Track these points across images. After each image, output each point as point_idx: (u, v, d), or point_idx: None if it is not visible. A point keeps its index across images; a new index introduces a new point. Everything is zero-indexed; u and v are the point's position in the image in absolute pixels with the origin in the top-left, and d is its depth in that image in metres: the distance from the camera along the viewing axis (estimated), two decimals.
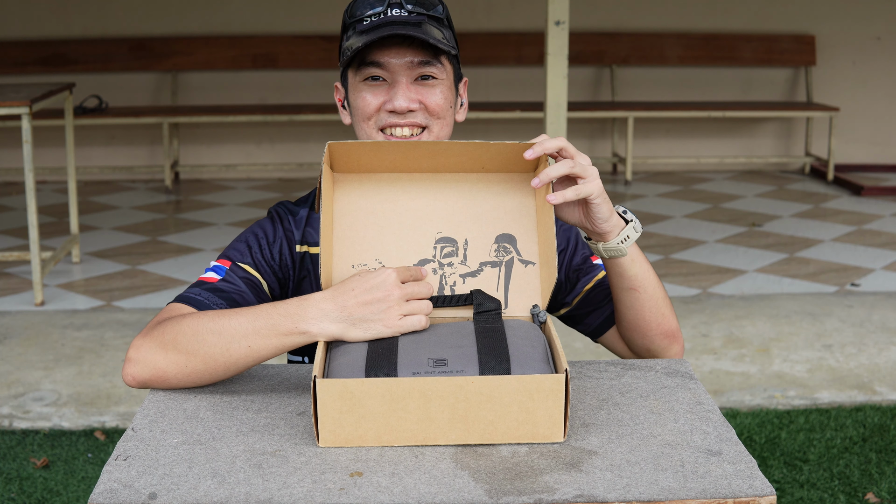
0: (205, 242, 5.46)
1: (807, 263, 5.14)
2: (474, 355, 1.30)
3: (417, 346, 1.33)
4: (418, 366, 1.29)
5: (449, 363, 1.29)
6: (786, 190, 6.93)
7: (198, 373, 1.40)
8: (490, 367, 1.28)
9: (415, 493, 1.14)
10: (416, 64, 1.61)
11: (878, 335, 4.08)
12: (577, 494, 1.14)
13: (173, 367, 1.40)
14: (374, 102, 1.62)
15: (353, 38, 1.62)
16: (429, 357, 1.30)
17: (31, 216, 4.37)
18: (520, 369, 1.28)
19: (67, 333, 4.05)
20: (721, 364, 3.80)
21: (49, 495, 2.94)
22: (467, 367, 1.28)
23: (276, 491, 1.15)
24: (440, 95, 1.63)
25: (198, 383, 1.42)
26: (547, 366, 1.30)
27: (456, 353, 1.31)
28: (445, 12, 1.65)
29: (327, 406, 1.24)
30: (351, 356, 1.32)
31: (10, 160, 6.88)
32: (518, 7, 7.10)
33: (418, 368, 1.28)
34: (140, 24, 6.92)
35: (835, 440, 3.28)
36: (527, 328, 1.39)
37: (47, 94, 4.53)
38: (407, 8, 1.61)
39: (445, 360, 1.30)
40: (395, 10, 1.61)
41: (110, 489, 1.16)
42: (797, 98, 7.43)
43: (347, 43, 1.63)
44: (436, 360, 1.29)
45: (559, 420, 1.26)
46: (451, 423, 1.25)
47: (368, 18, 1.61)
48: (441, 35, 1.62)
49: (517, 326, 1.39)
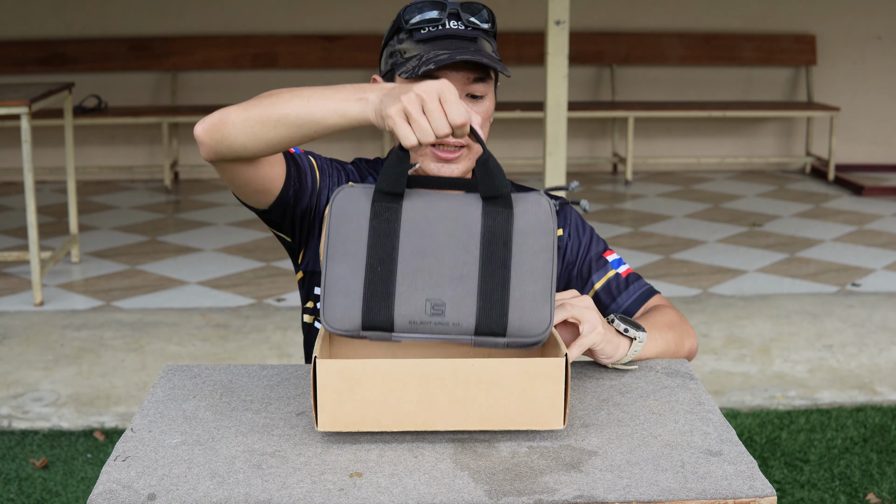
0: (204, 242, 5.45)
1: (807, 263, 5.14)
2: (473, 300, 1.27)
3: (418, 269, 1.28)
4: (416, 312, 1.27)
5: (447, 310, 1.27)
6: (786, 190, 6.92)
7: (255, 119, 1.41)
8: (487, 322, 1.27)
9: (414, 494, 1.14)
10: (471, 81, 1.65)
11: (879, 335, 4.08)
12: (577, 495, 1.14)
13: (236, 111, 1.43)
14: None
15: (407, 44, 1.64)
16: (427, 298, 1.27)
17: (31, 216, 4.37)
18: (518, 316, 1.27)
19: (67, 333, 4.05)
20: (721, 364, 3.80)
21: (48, 496, 2.94)
22: (464, 319, 1.27)
23: (276, 491, 1.14)
24: (483, 109, 1.67)
25: (252, 137, 1.42)
26: (546, 306, 1.28)
27: (455, 292, 1.28)
28: (494, 26, 1.69)
29: (327, 388, 1.24)
30: (348, 296, 1.28)
31: (9, 160, 6.88)
32: (518, 7, 7.10)
33: (415, 317, 1.27)
34: (139, 23, 6.92)
35: (835, 440, 3.28)
36: (537, 239, 1.30)
37: (46, 93, 4.53)
38: (464, 21, 1.64)
39: (443, 304, 1.27)
40: (453, 22, 1.64)
41: (109, 490, 1.15)
42: (798, 98, 7.43)
43: (401, 46, 1.65)
44: (434, 305, 1.27)
45: (559, 406, 1.25)
46: (450, 407, 1.25)
47: (426, 27, 1.64)
48: (490, 48, 1.67)
49: (527, 234, 1.30)
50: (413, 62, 1.62)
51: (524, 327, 1.28)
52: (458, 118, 1.25)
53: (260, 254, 5.23)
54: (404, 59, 1.63)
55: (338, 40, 6.97)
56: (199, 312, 4.30)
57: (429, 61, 1.60)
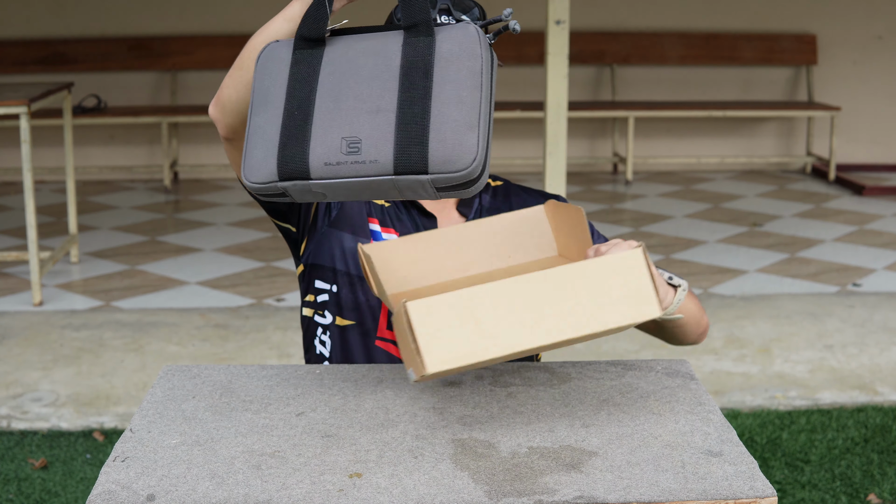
0: (204, 242, 5.45)
1: (808, 263, 5.14)
2: (391, 134, 1.19)
3: (335, 109, 1.22)
4: (331, 152, 1.20)
5: (363, 146, 1.19)
6: (787, 190, 6.92)
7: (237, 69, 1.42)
8: (405, 156, 1.18)
9: (414, 494, 1.14)
10: None
11: (880, 335, 4.08)
12: (577, 495, 1.14)
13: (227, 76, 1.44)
14: None
15: None
16: (342, 136, 1.20)
17: (30, 216, 4.37)
18: (439, 148, 1.18)
19: (66, 334, 4.04)
20: (722, 364, 3.80)
21: (47, 496, 2.94)
22: (381, 155, 1.18)
23: (275, 492, 1.14)
24: None
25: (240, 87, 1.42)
26: (473, 134, 1.18)
27: (372, 127, 1.20)
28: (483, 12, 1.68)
29: (425, 329, 1.17)
30: (265, 146, 1.23)
31: (8, 160, 6.88)
32: (518, 7, 7.09)
33: (331, 158, 1.20)
34: (139, 23, 6.91)
35: (836, 441, 3.27)
36: (462, 63, 1.22)
37: (46, 93, 4.53)
38: (458, 16, 1.63)
39: (359, 141, 1.19)
40: (443, 18, 1.64)
41: (109, 490, 1.15)
42: (798, 97, 7.42)
43: None
44: (349, 143, 1.20)
45: (650, 294, 1.23)
46: (549, 320, 1.19)
47: None
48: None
49: (450, 61, 1.22)
50: None
51: (447, 160, 1.18)
52: None
53: (260, 254, 5.23)
54: None
55: None
56: (199, 312, 4.30)
57: None
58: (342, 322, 1.70)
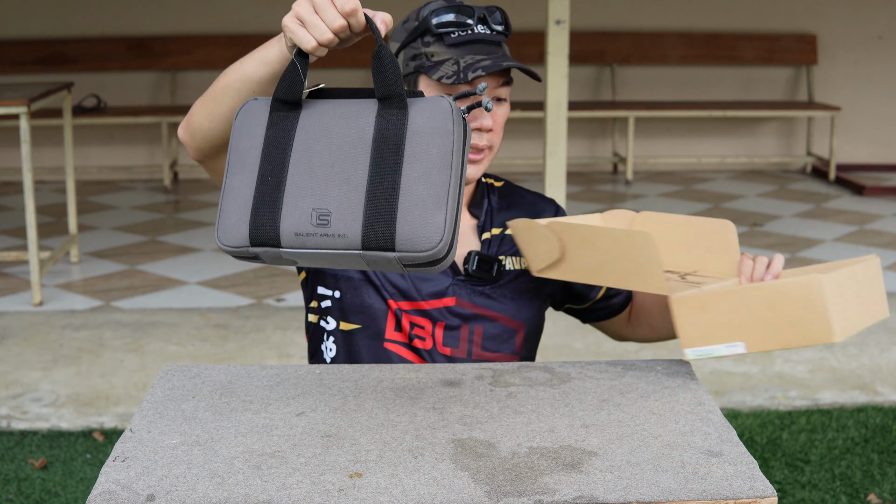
0: (204, 242, 5.45)
1: (808, 263, 5.14)
2: (361, 209, 1.19)
3: (307, 178, 1.22)
4: (301, 223, 1.20)
5: (332, 219, 1.19)
6: (787, 189, 6.92)
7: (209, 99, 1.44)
8: (373, 233, 1.18)
9: (414, 495, 1.14)
10: (499, 84, 1.68)
11: (880, 335, 4.08)
12: (577, 496, 1.14)
13: (197, 101, 1.48)
14: None
15: (436, 47, 1.65)
16: (313, 207, 1.20)
17: (30, 216, 4.37)
18: (406, 227, 1.18)
19: (66, 334, 4.04)
20: (722, 364, 3.80)
21: (47, 496, 2.93)
22: (350, 230, 1.19)
23: (275, 492, 1.14)
24: (505, 111, 1.72)
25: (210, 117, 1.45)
26: (440, 213, 1.18)
27: (343, 200, 1.20)
28: (509, 29, 1.72)
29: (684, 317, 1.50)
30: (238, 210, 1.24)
31: (8, 160, 6.88)
32: (518, 7, 7.09)
33: (301, 228, 1.20)
34: (138, 23, 6.92)
35: (836, 441, 3.27)
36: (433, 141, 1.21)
37: (45, 93, 4.52)
38: (490, 25, 1.67)
39: (329, 213, 1.20)
40: (480, 27, 1.66)
41: (108, 490, 1.15)
42: (798, 97, 7.42)
43: (428, 49, 1.66)
44: (319, 215, 1.20)
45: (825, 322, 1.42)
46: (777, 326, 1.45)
47: (456, 32, 1.65)
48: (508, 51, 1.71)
49: (422, 136, 1.21)
50: (449, 66, 1.63)
51: (413, 240, 1.18)
52: (347, 5, 1.23)
53: None
54: (434, 63, 1.64)
55: None
56: (199, 312, 4.30)
57: (474, 67, 1.61)
58: (346, 326, 1.70)
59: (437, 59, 1.64)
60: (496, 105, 1.70)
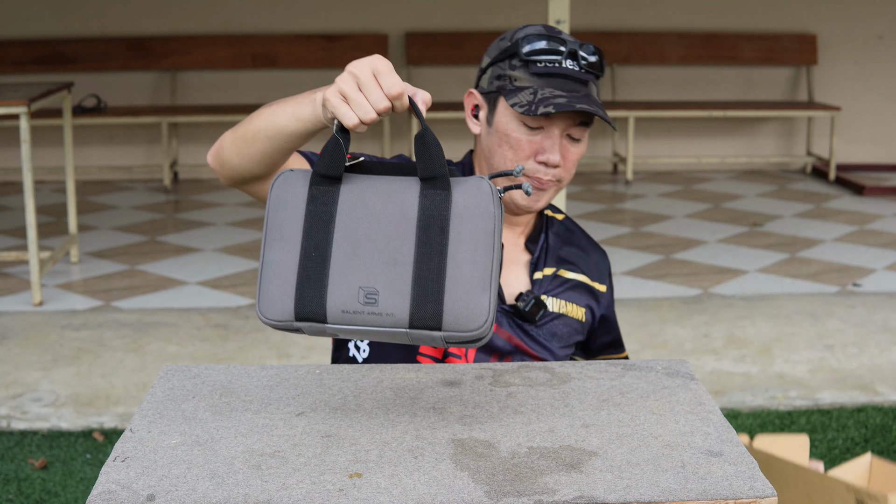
0: (204, 242, 5.45)
1: (808, 263, 5.14)
2: (408, 289, 1.21)
3: (352, 255, 1.23)
4: (348, 301, 1.22)
5: (380, 298, 1.21)
6: (787, 190, 6.92)
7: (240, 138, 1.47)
8: (420, 313, 1.21)
9: (414, 494, 1.14)
10: (576, 123, 1.68)
11: (880, 335, 4.07)
12: (577, 496, 1.14)
13: (228, 134, 1.50)
14: (530, 149, 1.69)
15: (521, 73, 1.66)
16: (360, 286, 1.22)
17: (30, 216, 4.37)
18: (453, 308, 1.21)
19: (66, 334, 4.04)
20: (722, 364, 3.80)
21: (47, 496, 2.93)
22: (397, 309, 1.21)
23: (275, 492, 1.14)
24: (579, 151, 1.72)
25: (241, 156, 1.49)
26: (485, 296, 1.21)
27: (390, 279, 1.22)
28: (603, 70, 1.71)
29: None
30: (281, 285, 1.25)
31: (8, 160, 6.88)
32: (518, 7, 7.10)
33: (348, 306, 1.22)
34: (138, 23, 6.91)
35: (836, 441, 3.27)
36: (476, 223, 1.24)
37: (45, 93, 4.53)
38: (580, 62, 1.66)
39: (377, 292, 1.22)
40: (569, 62, 1.66)
41: (108, 490, 1.15)
42: (798, 97, 7.42)
43: (513, 73, 1.67)
44: (367, 293, 1.22)
45: None
46: None
47: (543, 62, 1.66)
48: (596, 91, 1.70)
49: (466, 219, 1.24)
50: (526, 95, 1.64)
51: (460, 320, 1.21)
52: (394, 89, 1.23)
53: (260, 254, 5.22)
54: (515, 87, 1.66)
55: (338, 40, 6.97)
56: (199, 312, 4.30)
57: (547, 102, 1.62)
58: None
59: (519, 84, 1.65)
60: (569, 143, 1.69)
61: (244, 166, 1.50)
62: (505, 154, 1.70)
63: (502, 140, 1.70)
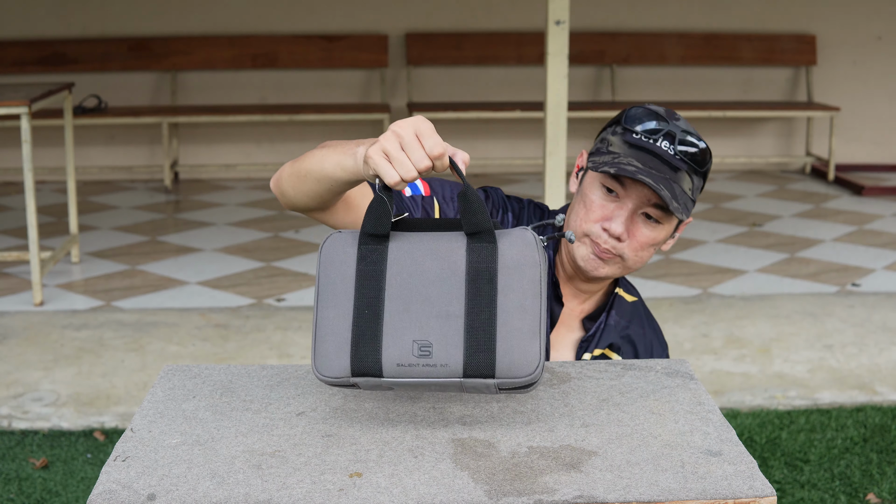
0: (204, 242, 5.45)
1: (807, 263, 5.14)
2: (460, 339, 1.26)
3: (404, 310, 1.28)
4: (403, 355, 1.26)
5: (434, 351, 1.25)
6: (786, 190, 6.92)
7: (295, 175, 1.54)
8: (474, 363, 1.25)
9: (414, 494, 1.14)
10: (650, 203, 1.68)
11: (879, 335, 4.08)
12: (577, 495, 1.14)
13: (288, 166, 1.57)
14: (599, 213, 1.70)
15: (616, 140, 1.69)
16: (414, 339, 1.26)
17: (31, 216, 4.37)
18: (505, 356, 1.25)
19: (67, 334, 4.05)
20: (721, 364, 3.80)
21: (48, 496, 2.94)
22: (451, 360, 1.25)
23: (276, 492, 1.14)
24: (651, 235, 1.71)
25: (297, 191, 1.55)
26: (535, 343, 1.26)
27: (442, 331, 1.26)
28: (708, 165, 1.71)
29: None
30: (336, 343, 1.28)
31: (9, 160, 6.88)
32: (518, 7, 7.10)
33: (403, 359, 1.26)
34: (139, 23, 6.92)
35: (836, 440, 3.27)
36: (524, 273, 1.28)
37: (46, 93, 4.53)
38: (676, 146, 1.67)
39: (430, 345, 1.26)
40: (664, 143, 1.67)
41: (109, 490, 1.15)
42: (798, 98, 7.42)
43: (612, 138, 1.70)
44: (421, 346, 1.26)
45: None
46: None
47: (639, 134, 1.68)
48: (689, 185, 1.69)
49: (513, 269, 1.29)
50: (607, 157, 1.67)
51: (513, 367, 1.26)
52: (436, 149, 1.26)
53: (260, 254, 5.23)
54: (606, 151, 1.69)
55: (338, 40, 6.97)
56: (199, 312, 4.30)
57: (615, 165, 1.64)
58: None
59: (612, 150, 1.68)
60: (643, 223, 1.69)
61: (300, 200, 1.56)
62: (578, 213, 1.73)
63: (581, 199, 1.73)
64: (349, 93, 7.11)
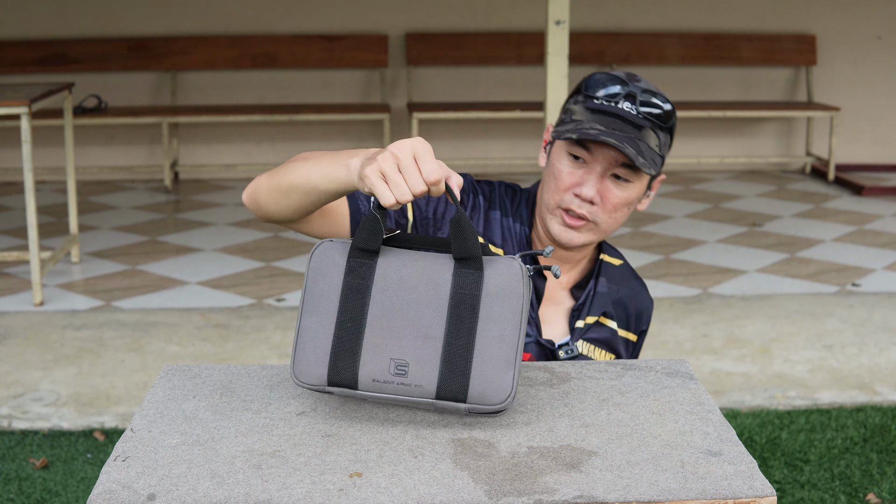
0: (204, 242, 5.45)
1: (807, 263, 5.14)
2: (437, 362, 1.28)
3: (386, 328, 1.30)
4: (379, 371, 1.28)
5: (410, 370, 1.28)
6: (786, 190, 6.92)
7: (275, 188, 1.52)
8: (448, 386, 1.28)
9: (414, 494, 1.14)
10: (618, 164, 1.68)
11: (879, 335, 4.08)
12: (577, 495, 1.14)
13: (264, 179, 1.55)
14: (569, 181, 1.71)
15: (579, 108, 1.70)
16: (391, 357, 1.28)
17: (31, 216, 4.37)
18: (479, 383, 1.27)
19: (66, 333, 4.05)
20: (721, 364, 3.80)
21: (48, 496, 2.94)
22: (426, 381, 1.28)
23: (276, 492, 1.14)
24: (624, 195, 1.71)
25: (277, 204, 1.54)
26: (509, 373, 1.28)
27: (420, 353, 1.28)
28: (672, 121, 1.71)
29: None
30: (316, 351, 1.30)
31: (9, 160, 6.88)
32: (518, 7, 7.10)
33: (379, 376, 1.28)
34: (139, 23, 6.92)
35: (835, 440, 3.28)
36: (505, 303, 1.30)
37: (46, 93, 4.53)
38: (638, 107, 1.68)
39: (407, 364, 1.28)
40: (626, 104, 1.68)
41: (109, 490, 1.15)
42: (798, 98, 7.43)
43: (574, 107, 1.72)
44: (398, 365, 1.28)
45: None
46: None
47: (600, 99, 1.68)
48: (656, 141, 1.69)
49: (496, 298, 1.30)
50: (571, 125, 1.67)
51: (485, 395, 1.28)
52: (432, 175, 1.27)
53: (260, 254, 5.23)
54: (570, 120, 1.70)
55: (338, 40, 6.97)
56: (199, 312, 4.30)
57: (577, 131, 1.65)
58: None
59: (575, 118, 1.69)
60: (613, 184, 1.69)
61: (280, 213, 1.55)
62: (548, 184, 1.73)
63: (550, 171, 1.74)
64: (349, 93, 7.11)
